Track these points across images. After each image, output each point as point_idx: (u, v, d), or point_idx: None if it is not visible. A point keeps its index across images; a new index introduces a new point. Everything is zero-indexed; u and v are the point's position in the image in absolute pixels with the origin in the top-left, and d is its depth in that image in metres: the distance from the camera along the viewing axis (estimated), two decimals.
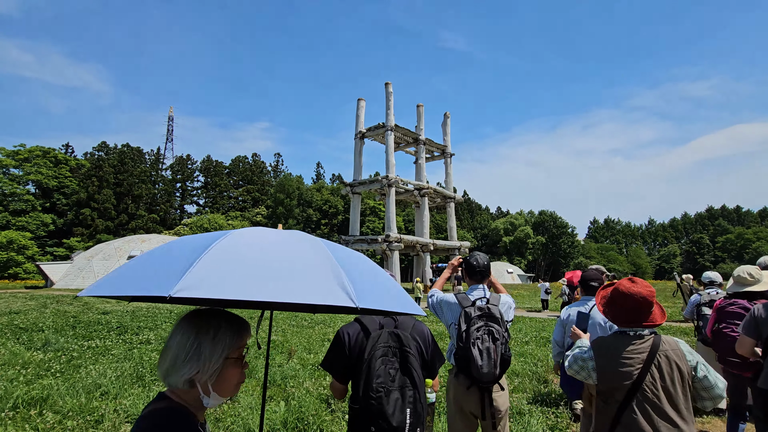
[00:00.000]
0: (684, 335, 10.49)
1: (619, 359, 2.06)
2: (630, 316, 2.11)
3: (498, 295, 2.90)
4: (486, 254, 3.05)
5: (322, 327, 11.91)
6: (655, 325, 2.10)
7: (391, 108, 30.59)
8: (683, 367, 2.01)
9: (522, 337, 9.62)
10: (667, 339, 2.08)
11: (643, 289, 2.09)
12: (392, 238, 28.12)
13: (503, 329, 2.70)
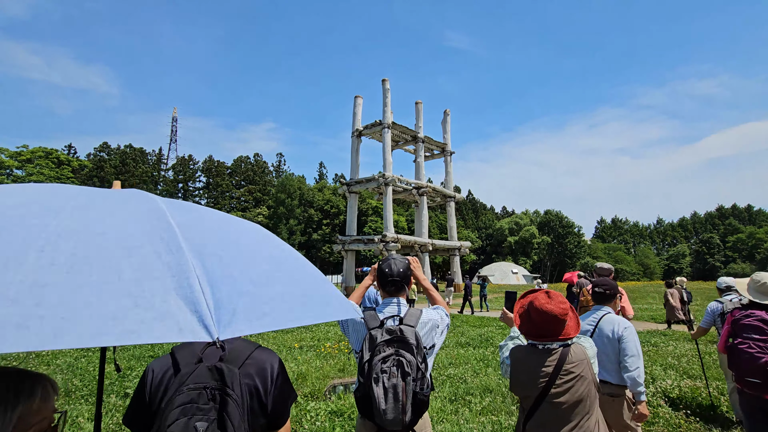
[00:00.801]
0: (687, 342, 9.72)
1: (527, 371, 2.13)
2: (542, 332, 2.15)
3: (417, 310, 2.20)
4: (404, 257, 2.37)
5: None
6: (568, 338, 2.12)
7: (388, 105, 29.92)
8: (588, 376, 2.05)
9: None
10: (576, 350, 2.09)
11: (556, 306, 2.11)
12: (389, 238, 27.45)
13: (418, 359, 2.01)
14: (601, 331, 3.14)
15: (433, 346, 2.21)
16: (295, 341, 9.53)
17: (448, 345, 9.07)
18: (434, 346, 2.22)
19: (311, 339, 9.95)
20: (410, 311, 2.18)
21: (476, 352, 8.21)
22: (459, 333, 11.01)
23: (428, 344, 2.16)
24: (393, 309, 2.20)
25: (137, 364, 6.78)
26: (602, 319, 3.18)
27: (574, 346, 2.11)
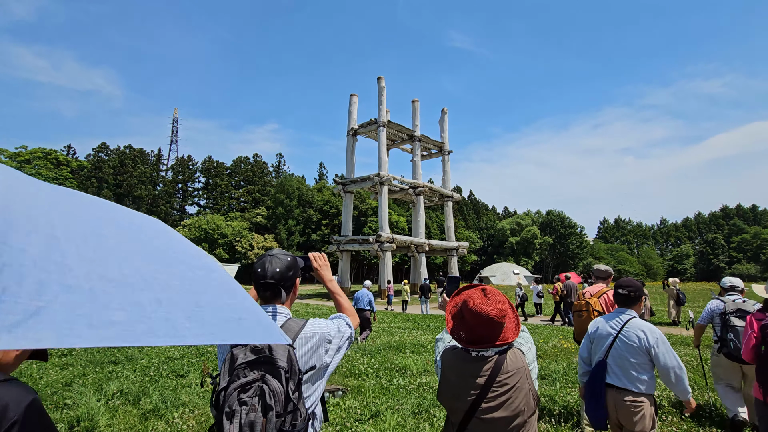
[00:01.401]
0: (685, 346, 9.20)
1: (456, 381, 1.83)
2: (475, 337, 1.80)
3: (299, 322, 1.75)
4: (287, 254, 1.88)
5: None
6: (505, 343, 1.80)
7: (383, 103, 29.47)
8: (526, 386, 1.77)
9: None
10: (513, 356, 1.80)
11: (493, 307, 1.77)
12: (384, 238, 26.99)
13: (289, 387, 1.53)
14: (626, 337, 2.91)
15: (322, 368, 1.75)
16: None
17: (429, 350, 8.60)
18: (324, 367, 1.76)
19: None
20: (288, 323, 1.73)
21: None
22: None
23: (311, 365, 1.70)
24: None
25: None
26: (627, 324, 2.95)
27: (511, 351, 1.82)
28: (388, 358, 7.59)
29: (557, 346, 8.26)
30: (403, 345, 8.81)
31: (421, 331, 12.18)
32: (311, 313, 18.48)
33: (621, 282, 3.16)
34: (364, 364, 6.89)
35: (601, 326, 3.11)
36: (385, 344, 8.90)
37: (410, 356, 7.83)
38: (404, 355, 7.99)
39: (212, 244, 54.76)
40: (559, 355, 7.58)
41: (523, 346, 1.86)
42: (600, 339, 3.07)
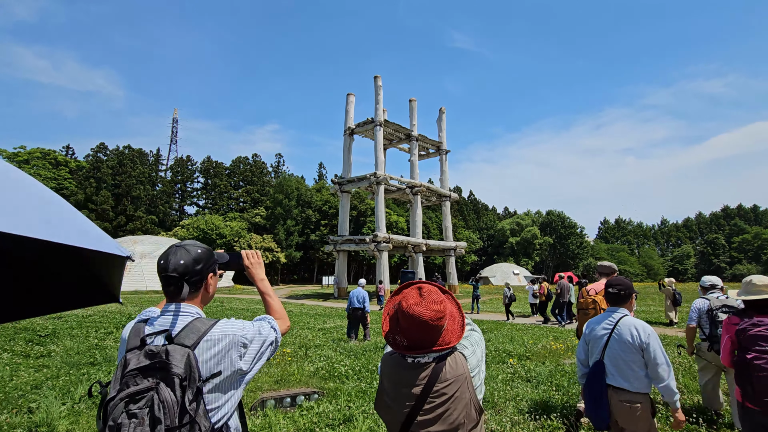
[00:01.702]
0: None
1: (392, 390, 1.65)
2: (410, 341, 1.60)
3: (206, 322, 1.54)
4: (200, 246, 1.66)
5: None
6: (445, 348, 1.59)
7: (380, 102, 29.30)
8: (466, 395, 1.57)
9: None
10: (453, 362, 1.59)
11: (427, 309, 1.56)
12: (380, 238, 26.79)
13: (185, 397, 1.35)
14: (619, 335, 2.91)
15: (235, 375, 1.54)
16: None
17: None
18: (239, 375, 1.55)
19: None
20: (192, 324, 1.52)
21: None
22: None
23: (217, 371, 1.49)
24: (166, 321, 1.55)
25: None
26: (620, 322, 2.95)
27: (451, 357, 1.61)
28: (372, 359, 7.41)
29: (546, 347, 8.07)
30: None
31: None
32: (305, 314, 18.29)
33: (611, 281, 3.14)
34: (346, 365, 6.70)
35: (595, 327, 3.09)
36: (372, 345, 8.72)
37: None
38: None
39: (210, 244, 54.61)
40: (547, 356, 7.39)
41: (467, 350, 1.66)
42: (595, 340, 3.06)
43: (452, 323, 1.64)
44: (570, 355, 7.56)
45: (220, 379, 1.50)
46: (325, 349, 8.40)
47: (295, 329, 12.19)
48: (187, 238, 54.78)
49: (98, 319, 14.93)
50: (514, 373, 6.33)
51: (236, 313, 17.69)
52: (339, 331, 11.91)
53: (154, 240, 44.22)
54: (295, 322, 14.72)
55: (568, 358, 7.35)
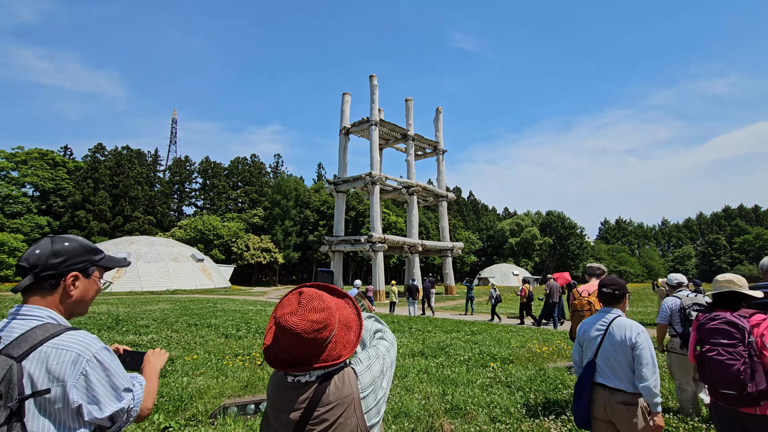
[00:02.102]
0: None
1: (272, 416, 1.41)
2: (288, 357, 1.35)
3: (54, 329, 1.29)
4: (77, 240, 1.44)
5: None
6: (331, 365, 1.33)
7: (375, 102, 29.07)
8: (351, 421, 1.34)
9: (462, 354, 7.95)
10: (340, 381, 1.34)
11: (302, 319, 1.29)
12: (375, 239, 26.56)
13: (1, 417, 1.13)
14: (611, 335, 2.92)
15: (68, 404, 1.25)
16: (195, 349, 8.67)
17: (401, 354, 8.16)
18: (72, 407, 1.25)
19: (216, 345, 9.09)
20: (32, 331, 1.27)
21: (425, 362, 7.30)
22: (421, 339, 10.09)
23: (46, 388, 1.22)
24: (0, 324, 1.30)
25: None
26: (613, 323, 2.96)
27: (339, 375, 1.36)
28: None
29: (532, 351, 7.81)
30: None
31: (400, 333, 11.73)
32: None
33: (605, 281, 3.13)
34: None
35: (589, 328, 3.09)
36: None
37: None
38: None
39: (208, 244, 54.43)
40: (531, 360, 7.14)
41: (360, 365, 1.41)
42: (588, 341, 3.06)
43: (344, 333, 1.39)
44: (556, 358, 7.31)
45: (50, 402, 1.23)
46: None
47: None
48: (185, 239, 54.70)
49: (84, 320, 14.73)
50: (494, 378, 6.08)
51: (226, 314, 17.44)
52: None
53: (150, 240, 44.02)
54: None
55: (554, 361, 7.10)
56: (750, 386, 2.58)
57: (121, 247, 40.59)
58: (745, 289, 2.91)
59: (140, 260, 39.40)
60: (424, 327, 13.21)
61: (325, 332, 1.32)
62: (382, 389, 1.44)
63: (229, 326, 13.23)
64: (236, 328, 12.66)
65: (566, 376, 6.00)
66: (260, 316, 16.95)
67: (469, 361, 7.29)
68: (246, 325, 13.52)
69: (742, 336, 2.67)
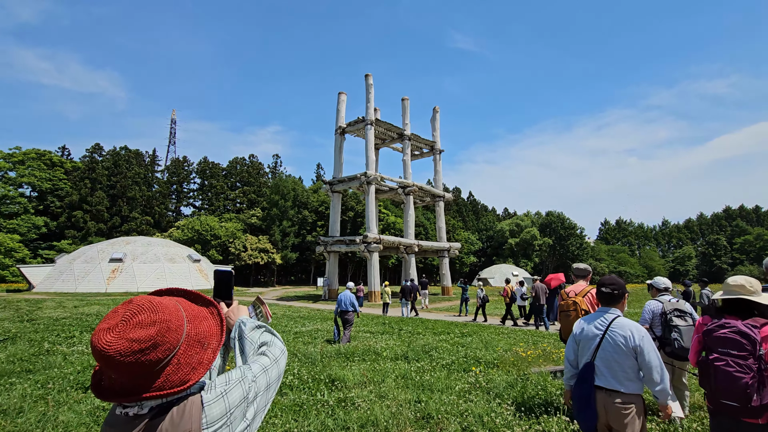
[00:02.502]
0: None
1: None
2: (116, 384, 1.08)
3: None
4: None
5: None
6: (168, 393, 1.06)
7: (371, 101, 28.84)
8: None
9: (446, 357, 7.70)
10: (179, 414, 1.07)
11: (120, 338, 1.02)
12: (370, 239, 26.31)
13: None
14: (612, 336, 2.85)
15: None
16: None
17: (383, 357, 7.92)
18: None
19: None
20: None
21: (406, 366, 7.05)
22: (407, 342, 9.84)
23: None
24: None
25: None
26: (613, 323, 2.90)
27: (180, 407, 1.08)
28: (331, 366, 6.92)
29: (517, 354, 7.56)
30: (354, 352, 8.12)
31: (388, 336, 11.49)
32: (287, 316, 17.81)
33: (604, 280, 3.06)
34: (293, 374, 6.21)
35: (587, 327, 3.00)
36: (335, 351, 8.22)
37: (356, 365, 7.16)
38: (350, 363, 7.32)
39: (205, 245, 54.22)
40: (515, 364, 6.88)
41: (210, 392, 1.13)
42: (586, 340, 2.98)
43: (195, 352, 1.13)
44: (541, 362, 7.06)
45: None
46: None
47: None
48: (182, 240, 54.45)
49: (69, 322, 14.52)
50: (474, 384, 5.84)
51: None
52: (315, 335, 11.44)
53: (146, 241, 43.82)
54: (272, 325, 14.23)
55: (539, 365, 6.85)
56: (755, 400, 2.54)
57: (117, 248, 40.40)
58: (758, 296, 2.78)
59: (136, 261, 39.21)
60: (414, 329, 12.96)
61: (155, 353, 1.05)
62: (245, 421, 1.17)
63: None
64: None
65: (548, 381, 5.75)
66: None
67: (451, 366, 7.04)
68: None
69: (753, 348, 2.60)
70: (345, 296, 10.59)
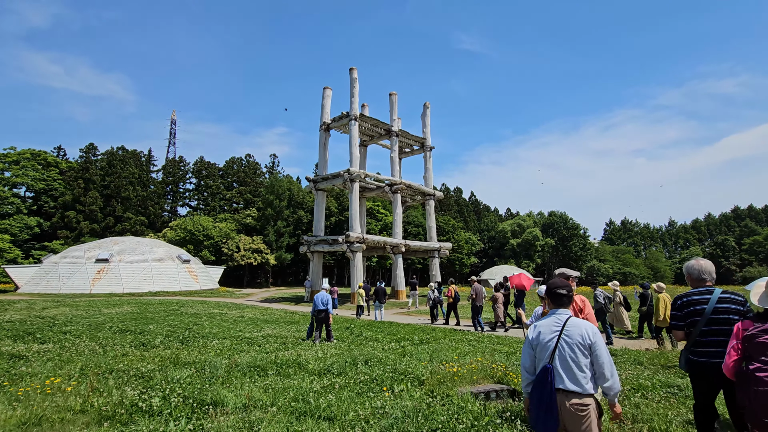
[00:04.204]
0: (638, 365, 7.33)
1: None
2: None
3: None
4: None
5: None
6: None
7: (355, 96, 27.78)
8: None
9: (371, 372, 6.61)
10: None
11: None
12: (353, 239, 25.25)
13: None
14: (569, 336, 2.83)
15: None
16: (74, 361, 7.41)
17: (305, 371, 6.85)
18: None
19: (106, 358, 7.83)
20: None
21: (309, 385, 5.98)
22: (349, 351, 8.75)
23: None
24: None
25: None
26: (567, 323, 2.88)
27: None
28: (217, 384, 5.87)
29: (446, 371, 6.43)
30: (268, 364, 7.06)
31: (340, 342, 10.42)
32: (253, 319, 16.81)
33: (555, 283, 3.10)
34: (163, 395, 5.16)
35: (543, 330, 2.96)
36: (251, 362, 7.16)
37: (259, 381, 6.10)
38: (260, 379, 6.27)
39: (198, 245, 53.51)
40: (443, 382, 5.77)
41: None
42: (543, 344, 2.92)
43: None
44: (478, 379, 5.94)
45: None
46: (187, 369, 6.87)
47: (200, 342, 10.71)
48: (175, 240, 53.79)
49: (17, 326, 13.63)
50: (378, 408, 4.74)
51: (178, 318, 16.23)
52: (260, 342, 10.40)
53: (135, 241, 43.13)
54: (227, 328, 13.23)
55: (474, 383, 5.74)
56: None
57: (104, 248, 39.71)
58: None
59: (123, 261, 38.47)
60: (374, 335, 11.89)
61: None
62: None
63: (165, 333, 12.03)
64: (166, 335, 11.45)
65: (470, 405, 4.66)
66: (212, 321, 15.75)
67: (370, 383, 5.95)
68: (184, 331, 12.33)
69: None
70: (320, 296, 10.95)
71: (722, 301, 3.36)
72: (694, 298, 3.46)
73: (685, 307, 3.48)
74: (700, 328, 3.33)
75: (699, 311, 3.38)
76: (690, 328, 3.44)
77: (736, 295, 3.41)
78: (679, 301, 3.54)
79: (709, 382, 3.30)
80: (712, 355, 3.25)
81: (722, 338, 3.21)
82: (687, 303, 3.48)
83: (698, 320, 3.37)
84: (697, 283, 3.57)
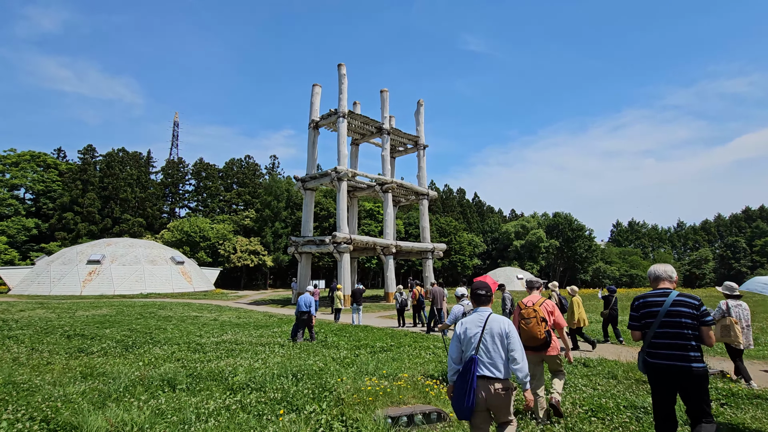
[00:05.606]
0: (612, 378, 6.41)
1: None
2: None
3: None
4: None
5: None
6: None
7: (344, 92, 27.01)
8: None
9: (293, 388, 5.76)
10: None
11: None
12: (340, 239, 24.44)
13: None
14: (491, 329, 3.22)
15: None
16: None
17: (226, 385, 6.03)
18: None
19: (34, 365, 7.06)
20: None
21: (219, 401, 5.15)
22: (294, 360, 7.91)
23: None
24: None
25: None
26: (489, 319, 3.27)
27: None
28: (120, 401, 5.07)
29: (384, 387, 5.56)
30: (183, 377, 6.24)
31: (294, 350, 9.59)
32: (228, 323, 16.04)
33: (479, 285, 3.45)
34: (15, 417, 4.36)
35: (469, 326, 3.30)
36: (163, 375, 6.34)
37: (162, 396, 5.29)
38: (163, 395, 5.46)
39: (194, 247, 53.07)
40: (367, 402, 4.91)
41: None
42: (469, 339, 3.24)
43: None
44: (407, 398, 5.07)
45: None
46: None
47: (156, 348, 9.94)
48: (172, 241, 53.42)
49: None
50: None
51: (156, 321, 15.51)
52: (218, 347, 9.62)
53: (129, 242, 42.72)
54: (188, 333, 12.46)
55: (400, 403, 4.87)
56: None
57: (97, 249, 39.32)
58: None
59: (115, 262, 38.04)
60: (337, 341, 11.06)
61: None
62: None
63: (118, 338, 11.29)
64: (117, 341, 10.71)
65: None
66: (178, 325, 15.01)
67: (280, 402, 5.11)
68: (140, 336, 11.58)
69: None
70: (303, 299, 11.30)
71: (676, 304, 3.38)
72: (651, 299, 3.53)
73: (641, 308, 3.56)
74: (654, 330, 3.41)
75: (653, 313, 3.45)
76: (645, 329, 3.51)
77: (691, 298, 3.39)
78: (636, 302, 3.63)
79: (665, 385, 3.34)
80: (664, 357, 3.33)
81: (673, 341, 3.30)
82: (643, 304, 3.57)
83: (652, 321, 3.44)
84: (655, 284, 3.64)
